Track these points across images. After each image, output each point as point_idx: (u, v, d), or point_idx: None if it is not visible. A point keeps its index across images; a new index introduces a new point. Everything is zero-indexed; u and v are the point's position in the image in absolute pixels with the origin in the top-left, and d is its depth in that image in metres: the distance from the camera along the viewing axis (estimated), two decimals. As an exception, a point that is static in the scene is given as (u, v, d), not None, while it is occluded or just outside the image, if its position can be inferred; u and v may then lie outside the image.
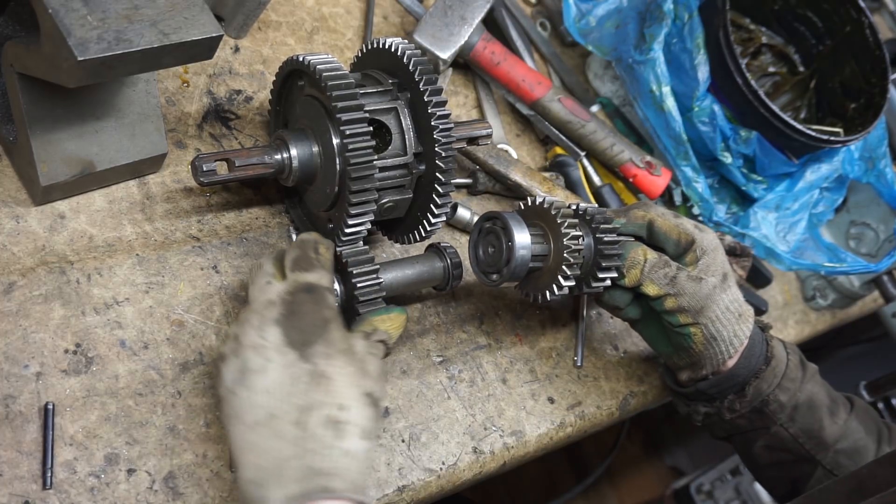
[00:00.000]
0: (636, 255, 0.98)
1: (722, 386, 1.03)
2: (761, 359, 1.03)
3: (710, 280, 0.98)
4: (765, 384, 1.02)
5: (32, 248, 0.84)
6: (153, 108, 0.88)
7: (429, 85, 0.89)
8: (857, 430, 1.05)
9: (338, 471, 0.72)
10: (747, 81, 1.21)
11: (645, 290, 0.99)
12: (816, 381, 1.06)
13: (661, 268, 0.98)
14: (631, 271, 0.98)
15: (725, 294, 0.99)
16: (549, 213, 0.94)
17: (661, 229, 1.01)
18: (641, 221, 1.02)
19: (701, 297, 0.98)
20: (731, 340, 1.00)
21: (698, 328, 0.99)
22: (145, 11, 0.73)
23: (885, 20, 2.02)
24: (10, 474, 0.74)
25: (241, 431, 0.75)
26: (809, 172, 1.34)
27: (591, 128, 1.26)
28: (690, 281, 0.98)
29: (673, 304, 0.99)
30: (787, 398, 1.03)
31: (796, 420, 1.04)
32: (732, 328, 1.00)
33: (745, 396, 1.03)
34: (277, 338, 0.76)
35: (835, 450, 1.04)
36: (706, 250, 0.99)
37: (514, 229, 0.91)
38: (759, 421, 1.04)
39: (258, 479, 0.72)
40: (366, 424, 0.75)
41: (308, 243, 0.85)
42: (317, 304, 0.79)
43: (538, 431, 1.06)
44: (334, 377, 0.75)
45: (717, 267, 0.99)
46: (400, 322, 0.87)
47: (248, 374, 0.76)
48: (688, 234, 1.00)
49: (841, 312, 1.59)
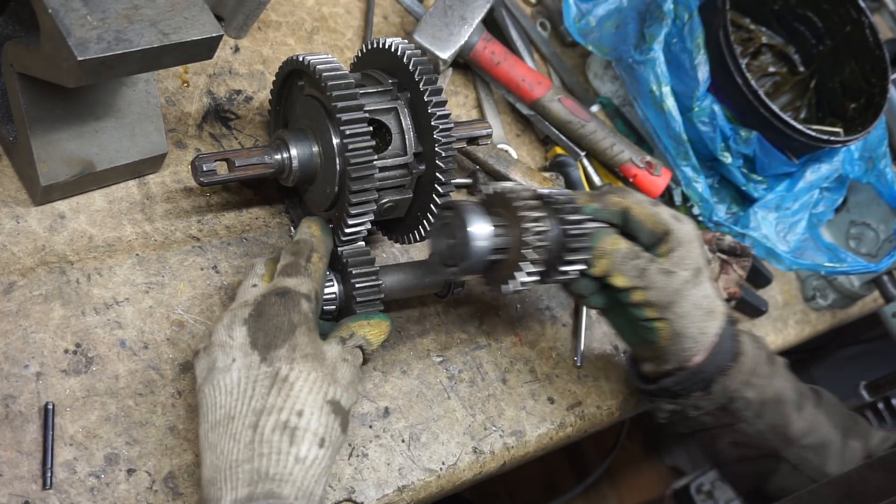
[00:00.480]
0: (606, 244, 0.94)
1: (687, 383, 0.99)
2: (729, 355, 0.99)
3: (682, 274, 0.94)
4: (732, 381, 0.98)
5: (32, 248, 0.84)
6: (153, 108, 0.88)
7: (429, 85, 0.89)
8: (824, 423, 1.03)
9: (288, 477, 0.71)
10: (747, 81, 1.21)
11: (613, 282, 0.95)
12: (784, 375, 1.03)
13: (632, 259, 0.94)
14: (600, 261, 0.94)
15: (696, 289, 0.95)
16: (510, 202, 0.89)
17: (637, 217, 0.96)
18: (617, 209, 0.97)
19: (670, 292, 0.94)
20: (697, 338, 0.96)
21: (664, 323, 0.95)
22: (145, 11, 0.73)
23: (885, 20, 2.02)
24: (10, 474, 0.74)
25: (204, 429, 0.75)
26: (809, 172, 1.34)
27: (591, 128, 1.26)
28: (661, 274, 0.94)
29: (640, 298, 0.94)
30: (755, 395, 1.00)
31: (763, 416, 1.01)
32: (700, 325, 0.96)
33: (711, 394, 0.99)
34: (243, 338, 0.77)
35: (800, 444, 1.02)
36: (681, 242, 0.95)
37: (471, 221, 0.86)
38: (725, 418, 1.01)
39: (213, 479, 0.72)
40: (324, 432, 0.75)
41: (303, 250, 0.85)
42: (286, 307, 0.78)
43: (538, 431, 1.06)
44: (295, 382, 0.75)
45: (690, 260, 0.95)
46: (381, 329, 0.86)
47: (214, 373, 0.76)
48: (663, 224, 0.96)
49: (841, 312, 1.59)
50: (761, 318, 1.43)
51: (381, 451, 0.94)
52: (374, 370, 0.98)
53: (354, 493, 0.90)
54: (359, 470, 0.91)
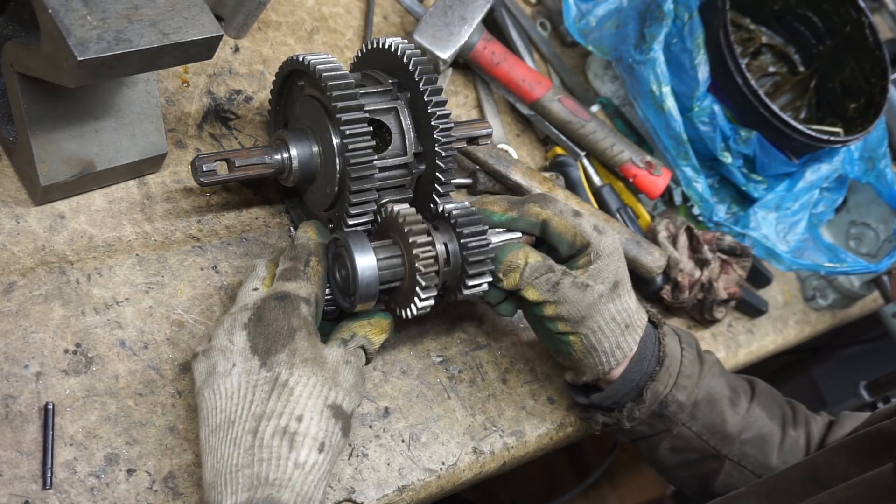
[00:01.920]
0: (515, 257, 0.91)
1: (617, 395, 0.99)
2: (654, 360, 0.98)
3: (598, 288, 0.93)
4: (661, 385, 0.97)
5: (32, 248, 0.84)
6: (153, 108, 0.88)
7: (429, 85, 0.89)
8: (761, 416, 1.03)
9: (287, 482, 0.71)
10: (747, 81, 1.21)
11: (525, 295, 0.92)
12: (714, 373, 1.02)
13: (543, 273, 0.91)
14: (509, 275, 0.91)
15: (613, 304, 0.94)
16: (399, 225, 0.86)
17: (556, 229, 0.94)
18: (535, 219, 0.95)
19: (583, 307, 0.92)
20: (612, 352, 0.95)
21: (578, 337, 0.94)
22: (145, 11, 0.73)
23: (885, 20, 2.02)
24: (10, 474, 0.74)
25: (204, 433, 0.75)
26: (809, 172, 1.34)
27: (591, 128, 1.26)
28: (574, 288, 0.92)
29: (552, 312, 0.93)
30: (686, 396, 0.98)
31: (697, 417, 1.00)
32: (616, 339, 0.95)
33: (643, 402, 0.98)
34: (243, 343, 0.77)
35: (740, 441, 1.01)
36: (601, 254, 0.94)
37: (355, 252, 0.83)
38: (661, 424, 1.00)
39: (214, 483, 0.73)
40: (324, 437, 0.75)
41: (302, 254, 0.84)
42: (286, 312, 0.78)
43: (538, 431, 1.06)
44: (295, 387, 0.75)
45: (608, 273, 0.94)
46: (382, 327, 0.86)
47: (214, 377, 0.76)
48: (583, 237, 0.94)
49: (841, 312, 1.59)
50: (761, 318, 1.43)
51: (381, 451, 0.94)
52: (374, 370, 0.98)
53: (354, 493, 0.90)
54: (359, 470, 0.91)
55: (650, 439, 1.03)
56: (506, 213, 0.95)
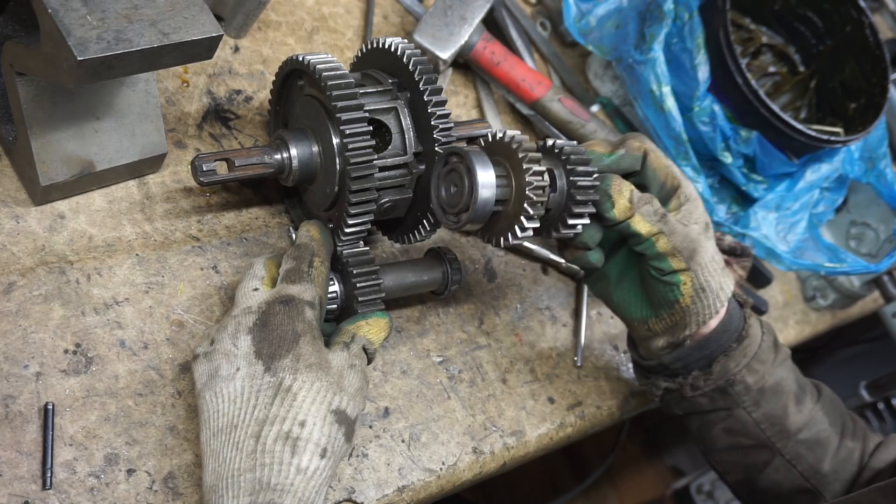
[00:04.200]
0: (620, 184, 0.87)
1: (688, 360, 0.96)
2: (734, 335, 0.96)
3: (694, 227, 0.90)
4: (732, 363, 0.95)
5: (32, 248, 0.84)
6: (153, 108, 0.88)
7: (429, 84, 0.89)
8: (822, 420, 1.01)
9: (289, 488, 0.71)
10: (747, 81, 1.21)
11: (635, 228, 0.88)
12: (787, 366, 1.01)
13: (648, 202, 0.88)
14: (619, 201, 0.86)
15: (709, 242, 0.92)
16: (511, 149, 0.83)
17: (653, 165, 0.91)
18: (637, 153, 0.91)
19: (691, 239, 0.89)
20: (718, 293, 0.92)
21: (689, 276, 0.90)
22: (145, 11, 0.73)
23: (885, 20, 2.02)
24: (10, 474, 0.74)
25: (206, 436, 0.75)
26: (810, 172, 1.34)
27: (591, 128, 1.26)
28: (678, 223, 0.90)
29: (666, 246, 0.88)
30: (755, 380, 0.97)
31: (761, 405, 0.98)
32: (719, 280, 0.92)
33: (710, 374, 0.96)
34: (247, 347, 0.77)
35: (796, 439, 1.00)
36: (689, 197, 0.92)
37: (478, 168, 0.81)
38: (722, 401, 0.98)
39: (215, 486, 0.72)
40: (326, 442, 0.75)
41: (305, 254, 0.84)
42: (290, 316, 0.78)
43: (538, 431, 1.06)
44: (298, 392, 0.75)
45: (699, 215, 0.92)
46: (381, 327, 0.86)
47: (217, 380, 0.76)
48: (675, 178, 0.91)
49: (841, 312, 1.59)
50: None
51: (381, 451, 0.93)
52: (374, 370, 0.98)
53: (354, 493, 0.90)
54: (359, 470, 0.91)
55: (707, 415, 1.00)
56: (612, 151, 0.91)
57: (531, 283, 1.17)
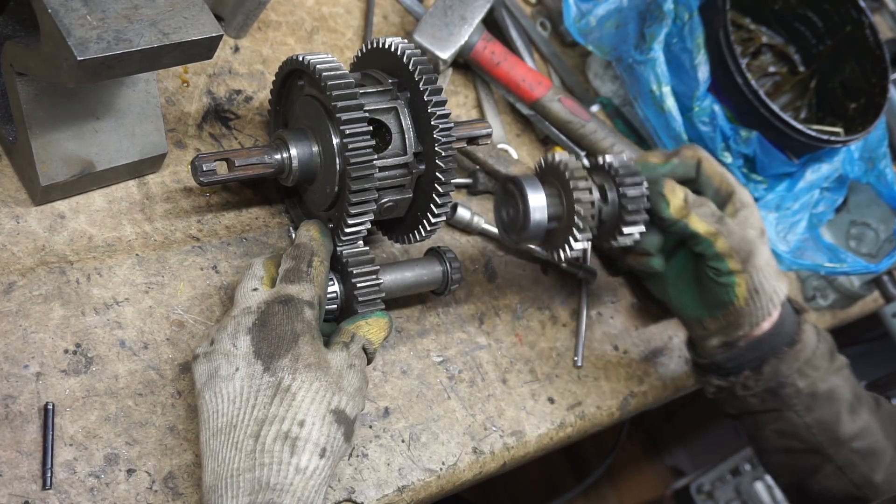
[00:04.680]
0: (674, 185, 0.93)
1: (740, 360, 0.99)
2: (787, 339, 0.98)
3: (751, 231, 0.93)
4: (784, 365, 0.97)
5: (32, 248, 0.84)
6: (153, 108, 0.88)
7: (429, 84, 0.89)
8: (877, 432, 1.02)
9: (288, 487, 0.72)
10: (747, 81, 1.21)
11: (693, 228, 0.92)
12: (843, 375, 1.02)
13: (704, 204, 0.93)
14: (673, 200, 0.92)
15: (765, 247, 0.94)
16: (559, 171, 0.94)
17: (706, 172, 0.96)
18: (691, 161, 0.97)
19: (748, 241, 0.92)
20: (772, 296, 0.95)
21: (744, 277, 0.93)
22: (145, 11, 0.73)
23: (885, 20, 2.02)
24: (10, 474, 0.74)
25: (205, 436, 0.75)
26: (810, 172, 1.34)
27: (591, 128, 1.26)
28: (736, 225, 0.93)
29: (724, 246, 0.91)
30: (806, 385, 0.98)
31: (813, 410, 0.99)
32: (774, 283, 0.95)
33: (761, 375, 0.98)
34: (247, 347, 0.77)
35: (849, 448, 1.00)
36: (745, 204, 0.95)
37: (529, 192, 0.92)
38: (773, 402, 1.00)
39: (215, 486, 0.73)
40: (326, 442, 0.75)
41: (304, 254, 0.84)
42: (289, 316, 0.78)
43: (538, 431, 1.06)
44: (297, 392, 0.75)
45: (755, 220, 0.94)
46: (381, 326, 0.86)
47: (216, 380, 0.76)
48: (729, 185, 0.95)
49: (841, 312, 1.59)
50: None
51: (381, 451, 0.94)
52: (374, 370, 0.98)
53: (354, 493, 0.90)
54: (359, 470, 0.91)
55: (758, 416, 1.02)
56: (666, 161, 0.97)
57: (531, 283, 1.17)
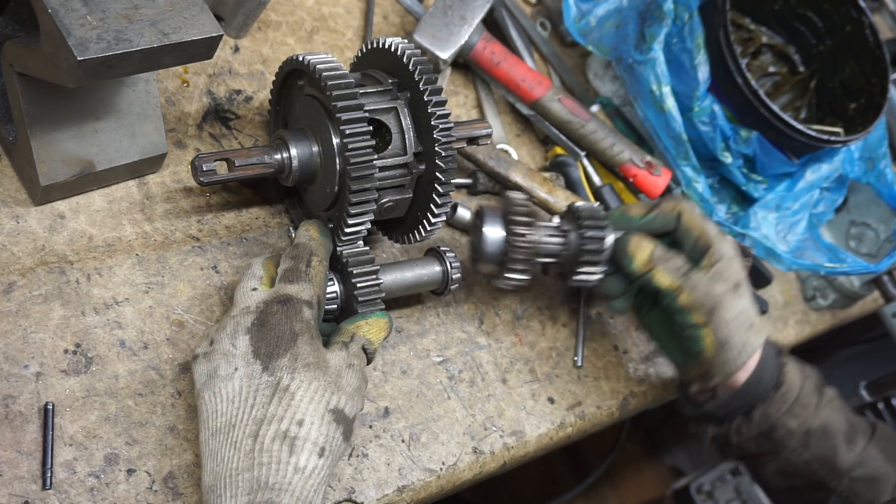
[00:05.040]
0: (642, 240, 0.97)
1: (730, 407, 1.01)
2: (771, 382, 1.00)
3: (721, 285, 0.96)
4: (773, 409, 1.00)
5: (32, 248, 0.84)
6: (153, 108, 0.88)
7: (428, 84, 0.89)
8: (877, 457, 1.03)
9: (287, 486, 0.71)
10: (747, 81, 1.21)
11: (656, 281, 0.96)
12: (834, 407, 1.04)
13: (671, 259, 0.96)
14: (640, 254, 0.96)
15: (737, 300, 0.97)
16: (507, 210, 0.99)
17: (686, 224, 0.99)
18: (671, 213, 1.00)
19: (713, 296, 0.95)
20: (741, 349, 0.97)
21: (709, 329, 0.96)
22: (145, 11, 0.73)
23: (885, 20, 2.02)
24: (10, 474, 0.74)
25: (204, 436, 0.75)
26: (809, 172, 1.34)
27: (591, 128, 1.26)
28: (703, 278, 0.95)
29: (687, 300, 0.95)
30: (797, 425, 1.00)
31: (809, 446, 1.01)
32: (743, 335, 0.97)
33: (752, 420, 1.00)
34: (245, 347, 0.77)
35: (850, 477, 1.02)
36: (722, 256, 0.97)
37: (486, 226, 0.99)
38: (768, 445, 1.02)
39: (214, 486, 0.72)
40: (324, 441, 0.75)
41: (303, 254, 0.84)
42: (288, 316, 0.78)
43: (538, 431, 1.06)
44: (296, 392, 0.75)
45: (730, 274, 0.97)
46: (381, 326, 0.86)
47: (215, 380, 0.76)
48: (707, 238, 0.97)
49: (841, 312, 1.59)
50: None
51: (381, 451, 0.94)
52: (374, 370, 0.98)
53: (354, 493, 0.90)
54: (359, 470, 0.91)
55: (758, 459, 1.05)
56: (645, 214, 1.01)
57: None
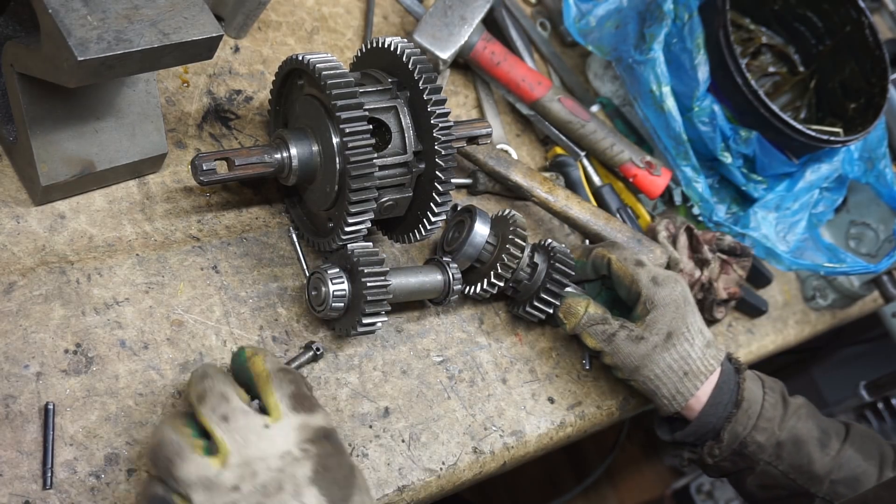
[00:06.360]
0: (576, 303, 1.03)
1: (698, 433, 1.05)
2: (731, 403, 1.03)
3: (652, 339, 1.00)
4: (739, 426, 1.02)
5: (32, 248, 0.84)
6: (153, 108, 0.88)
7: (428, 84, 0.89)
8: (854, 458, 1.04)
9: None
10: (747, 81, 1.21)
11: (584, 341, 1.04)
12: (801, 415, 1.05)
13: (599, 324, 1.02)
14: (570, 318, 1.03)
15: (668, 353, 1.01)
16: (507, 225, 1.02)
17: (616, 272, 1.04)
18: (601, 260, 1.05)
19: (636, 357, 1.01)
20: (673, 397, 1.02)
21: (636, 383, 1.04)
22: (145, 11, 0.73)
23: (885, 20, 2.02)
24: (11, 474, 0.74)
25: None
26: (809, 172, 1.34)
27: (591, 128, 1.26)
28: (628, 341, 1.01)
29: (609, 361, 1.04)
30: (766, 438, 1.02)
31: (783, 457, 1.03)
32: (674, 386, 1.02)
33: (721, 441, 1.03)
34: (317, 499, 0.70)
35: (830, 480, 1.03)
36: (655, 305, 1.01)
37: (478, 224, 1.01)
38: (743, 462, 1.04)
39: None
40: None
41: (298, 378, 0.77)
42: (339, 452, 0.74)
43: (538, 431, 1.06)
44: None
45: (662, 325, 1.00)
46: None
47: None
48: (637, 286, 1.02)
49: (841, 312, 1.59)
50: (761, 318, 1.43)
51: (381, 451, 0.94)
52: (375, 370, 0.98)
53: (354, 492, 0.90)
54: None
55: (735, 475, 1.08)
56: (579, 258, 1.08)
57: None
